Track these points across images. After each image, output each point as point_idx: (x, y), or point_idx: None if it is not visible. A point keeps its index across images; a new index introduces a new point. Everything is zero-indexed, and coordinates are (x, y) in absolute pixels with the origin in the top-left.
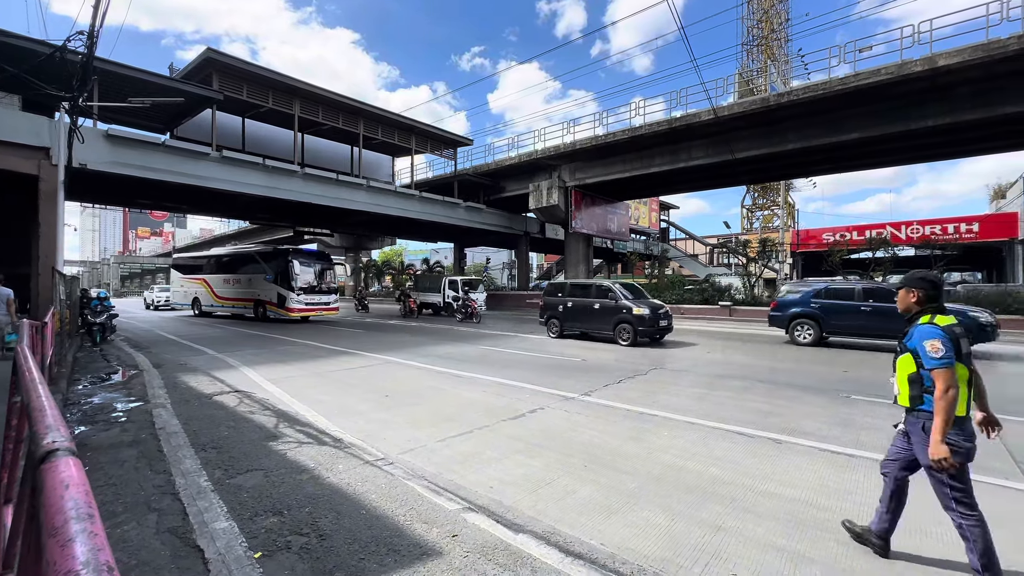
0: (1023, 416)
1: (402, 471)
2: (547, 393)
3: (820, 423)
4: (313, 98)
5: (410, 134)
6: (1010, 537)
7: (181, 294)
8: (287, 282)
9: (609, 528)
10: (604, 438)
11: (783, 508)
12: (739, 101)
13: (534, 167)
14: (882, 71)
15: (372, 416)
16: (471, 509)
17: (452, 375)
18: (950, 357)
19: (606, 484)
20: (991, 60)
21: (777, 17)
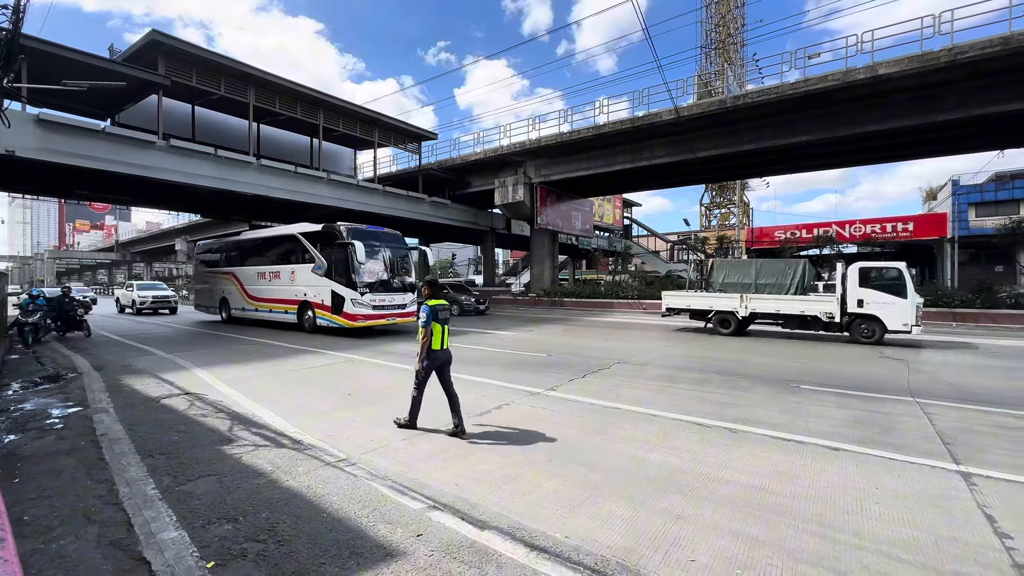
0: (951, 401)
1: (365, 471)
2: (513, 389)
3: (771, 412)
4: (269, 86)
5: (373, 127)
6: (923, 510)
7: (207, 293)
8: (346, 274)
9: (574, 521)
10: (569, 432)
11: (738, 494)
12: (698, 102)
13: (500, 163)
14: (829, 78)
15: (334, 416)
16: (436, 507)
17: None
18: (427, 321)
19: (571, 478)
20: (925, 70)
21: (734, 22)
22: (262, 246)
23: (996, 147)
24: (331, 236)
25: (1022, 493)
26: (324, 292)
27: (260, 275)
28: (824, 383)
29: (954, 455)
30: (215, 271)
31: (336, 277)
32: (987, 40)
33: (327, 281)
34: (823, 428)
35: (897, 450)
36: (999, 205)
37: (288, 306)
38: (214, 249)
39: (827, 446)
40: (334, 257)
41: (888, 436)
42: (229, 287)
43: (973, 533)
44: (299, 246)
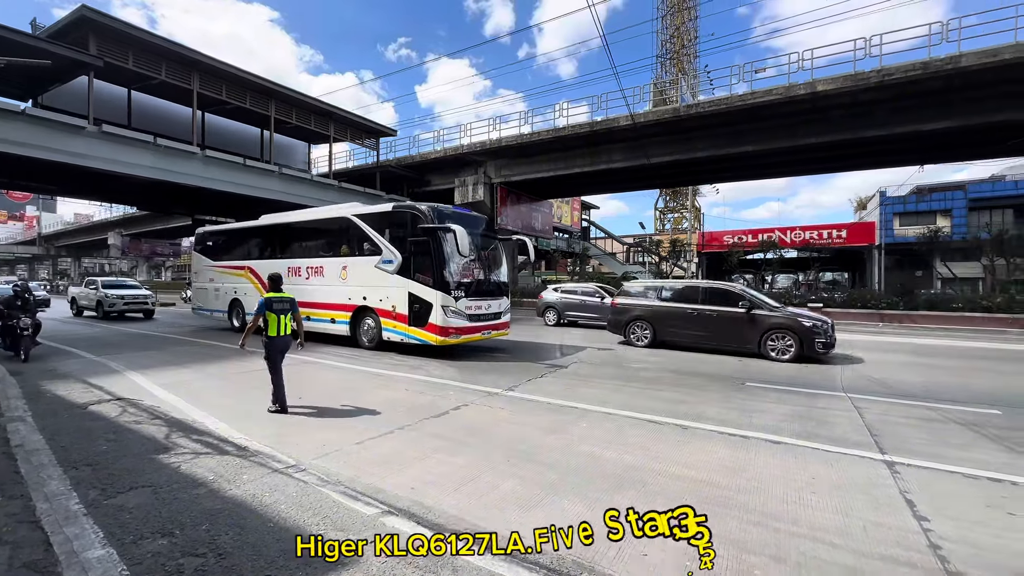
0: (879, 396)
1: (316, 477)
2: (471, 390)
3: (720, 408)
4: (216, 73)
5: (328, 120)
6: (853, 498)
7: (210, 294)
8: (434, 271)
9: (531, 520)
10: (527, 432)
11: (688, 489)
12: (653, 110)
13: (460, 162)
14: (773, 92)
15: (282, 419)
16: (391, 512)
17: (373, 374)
18: (261, 309)
19: (528, 477)
20: (857, 89)
21: (687, 34)
22: (295, 233)
23: (919, 162)
24: (408, 219)
25: (937, 479)
26: (397, 295)
27: (292, 271)
28: (767, 380)
29: (880, 446)
30: (224, 266)
31: (417, 275)
32: (910, 64)
33: (402, 280)
34: (766, 423)
35: (831, 442)
36: (919, 216)
37: (336, 313)
38: (222, 237)
39: (770, 440)
40: (414, 247)
41: (824, 429)
42: (244, 286)
43: (896, 518)
44: (354, 233)
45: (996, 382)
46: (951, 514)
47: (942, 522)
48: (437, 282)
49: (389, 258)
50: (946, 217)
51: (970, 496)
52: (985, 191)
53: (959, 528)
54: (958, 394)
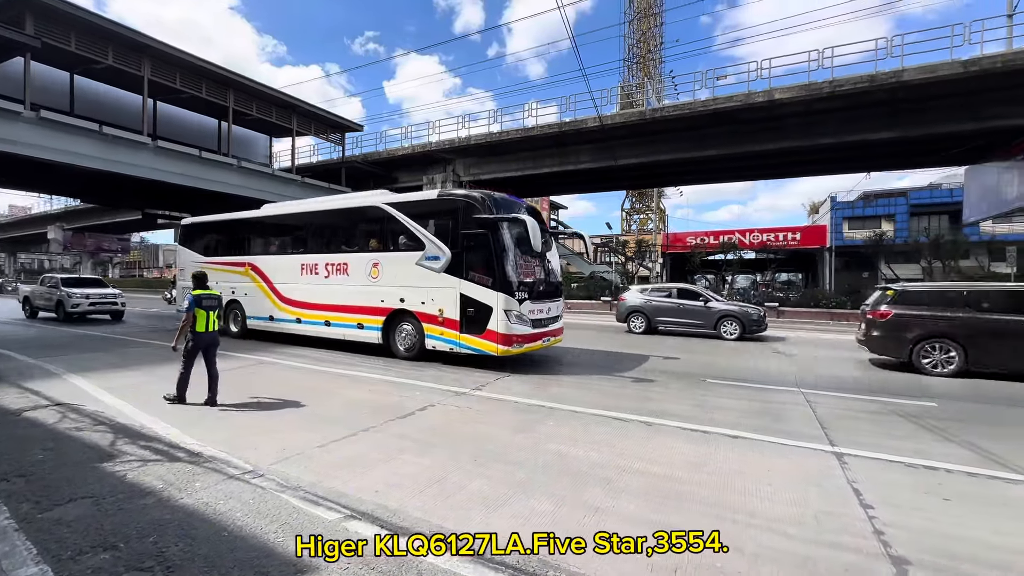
0: (830, 391)
1: (275, 483)
2: (438, 389)
3: (682, 405)
4: (168, 60)
5: (291, 113)
6: (805, 488)
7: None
8: (494, 270)
9: (497, 520)
10: (494, 431)
11: (652, 484)
12: (620, 112)
13: (429, 159)
14: (734, 98)
15: (239, 423)
16: (353, 517)
17: (337, 374)
18: (189, 307)
19: (495, 477)
20: (811, 98)
21: (653, 39)
22: (311, 225)
23: (868, 169)
24: (459, 209)
25: (881, 468)
26: (445, 297)
27: (307, 268)
28: (725, 377)
29: (830, 438)
30: (218, 262)
31: (471, 274)
32: (858, 76)
33: (451, 279)
34: (726, 419)
35: (786, 436)
36: (866, 220)
37: (365, 317)
38: (216, 230)
39: (729, 435)
40: (467, 242)
41: (779, 423)
42: (245, 285)
43: (844, 507)
44: (388, 225)
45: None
46: (893, 502)
47: (885, 509)
48: (498, 282)
49: (435, 254)
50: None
51: (910, 484)
52: (924, 198)
53: (900, 515)
54: (900, 388)
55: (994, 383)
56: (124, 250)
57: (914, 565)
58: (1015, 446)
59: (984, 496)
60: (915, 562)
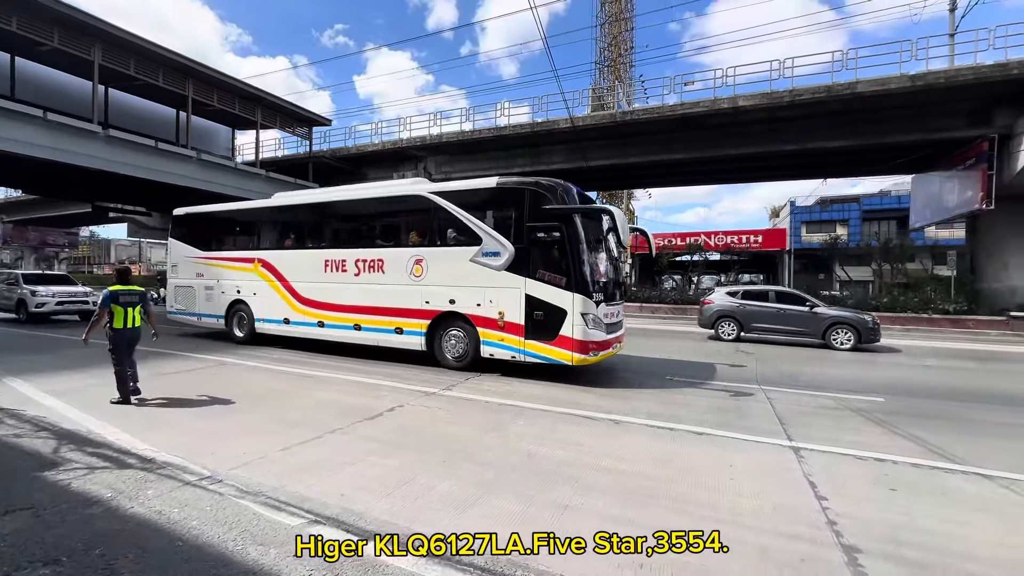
0: (788, 388)
1: (234, 488)
2: (408, 390)
3: (649, 403)
4: (121, 44)
5: (255, 105)
6: (764, 482)
7: (196, 293)
8: (575, 267)
9: (466, 521)
10: (464, 431)
11: (619, 481)
12: (592, 114)
13: (399, 156)
14: (700, 104)
15: (196, 427)
16: (317, 521)
17: (302, 375)
18: (106, 303)
19: (465, 477)
20: (773, 106)
21: (624, 43)
22: (339, 216)
23: (825, 176)
24: (525, 199)
25: (834, 461)
26: (506, 299)
27: (333, 264)
28: (691, 375)
29: (788, 433)
30: (221, 258)
31: (540, 272)
32: (816, 87)
33: (514, 278)
34: (691, 415)
35: (747, 431)
36: (822, 224)
37: (405, 321)
38: (218, 221)
39: (694, 431)
40: (534, 236)
41: (741, 420)
42: (253, 284)
43: (800, 499)
44: (436, 216)
45: (883, 373)
46: (845, 493)
47: (838, 500)
48: (575, 282)
49: (494, 249)
50: (844, 226)
51: (860, 476)
52: (875, 204)
53: (851, 505)
54: (852, 384)
55: (940, 380)
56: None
57: (864, 553)
58: (953, 438)
59: (926, 485)
60: (865, 550)
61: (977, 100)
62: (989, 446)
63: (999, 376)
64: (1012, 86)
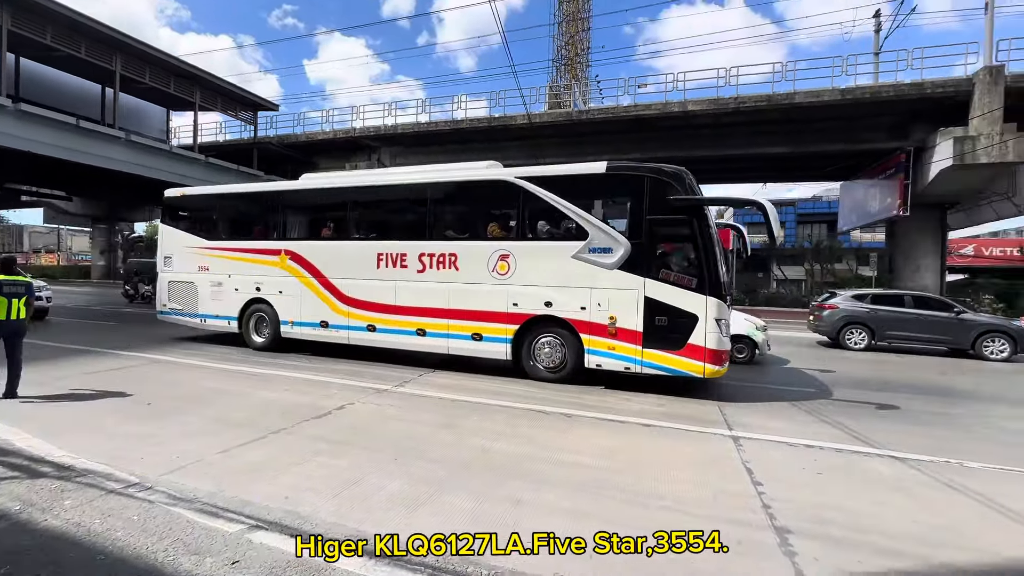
0: (730, 380)
1: (166, 495)
2: (358, 387)
3: (599, 397)
4: (34, 9)
5: (193, 84)
6: (707, 470)
7: (199, 290)
8: (708, 267)
9: (416, 520)
10: (417, 428)
11: (570, 474)
12: (549, 111)
13: (352, 146)
14: (652, 107)
15: (123, 430)
16: (259, 527)
17: (245, 373)
18: None
19: (416, 475)
20: (720, 112)
21: (581, 43)
22: (397, 201)
23: (766, 180)
24: (645, 188)
25: (769, 448)
26: (620, 301)
27: (389, 259)
28: None
29: (728, 423)
30: (233, 248)
31: (665, 272)
32: (759, 95)
33: (631, 278)
34: (640, 407)
35: (692, 422)
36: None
37: (485, 325)
38: (229, 205)
39: (642, 423)
40: (658, 230)
41: (686, 410)
42: (278, 280)
43: (738, 485)
44: (527, 205)
45: (812, 364)
46: (778, 478)
47: (772, 485)
48: (708, 283)
49: (605, 245)
50: (781, 228)
51: (792, 461)
52: (808, 208)
53: (783, 489)
54: (787, 376)
55: (859, 371)
56: None
57: (794, 533)
58: (871, 425)
59: (848, 468)
60: (795, 530)
61: (896, 115)
62: (903, 431)
63: (920, 369)
64: (927, 103)
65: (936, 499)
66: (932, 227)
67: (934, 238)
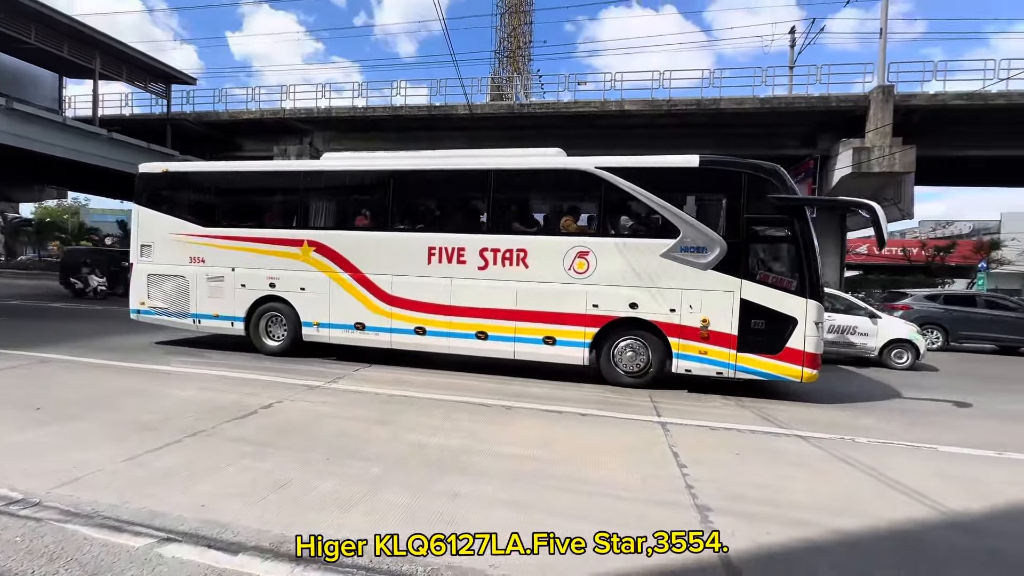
0: None
1: (57, 511)
2: (287, 384)
3: (540, 388)
4: None
5: (92, 49)
6: (638, 456)
7: (192, 286)
8: (808, 269)
9: (349, 521)
10: (351, 425)
11: (510, 466)
12: (490, 103)
13: (282, 128)
14: (591, 104)
15: (7, 441)
16: (171, 539)
17: (156, 372)
18: None
19: (350, 475)
20: (654, 113)
21: (523, 36)
22: (453, 188)
23: None
24: (743, 184)
25: (693, 433)
26: (713, 303)
27: (443, 254)
28: None
29: (658, 411)
30: (240, 237)
31: (763, 274)
32: (689, 100)
33: (726, 280)
34: (578, 397)
35: (625, 410)
36: None
37: (559, 328)
38: (231, 185)
39: (579, 413)
40: (756, 230)
41: (620, 398)
42: (299, 275)
43: (666, 468)
44: (609, 198)
45: None
46: (701, 460)
47: (695, 467)
48: (808, 286)
49: (698, 244)
50: None
51: (713, 444)
52: None
53: (705, 470)
54: None
55: None
56: None
57: (714, 511)
58: (780, 406)
59: (761, 448)
60: (715, 508)
61: (807, 125)
62: (804, 411)
63: None
64: (832, 116)
65: (833, 472)
66: (833, 228)
67: (835, 239)
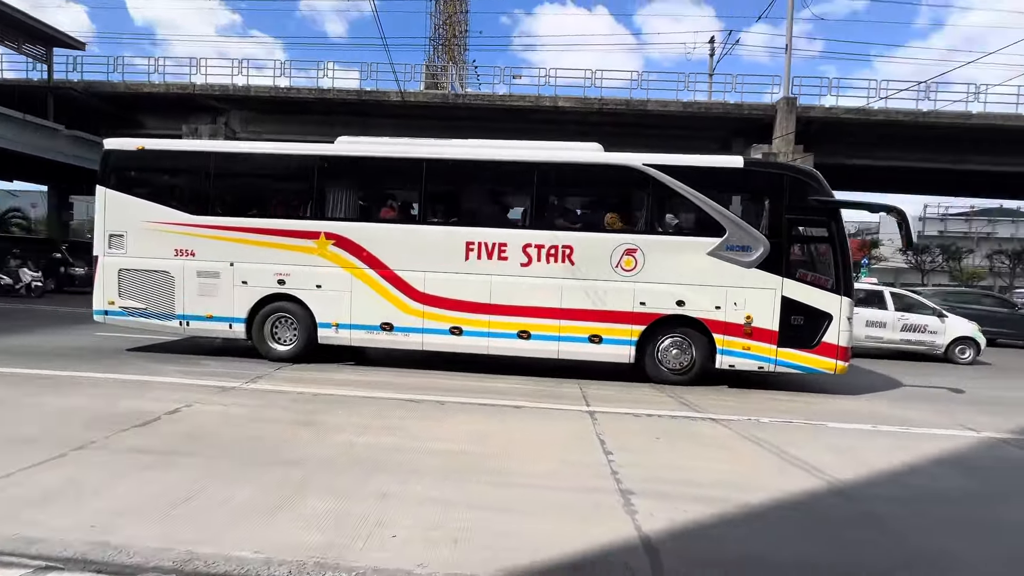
0: None
1: None
2: (196, 385)
3: (473, 381)
4: None
5: None
6: (568, 445)
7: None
8: (842, 267)
9: (269, 531)
10: (271, 428)
11: (441, 462)
12: (425, 91)
13: (191, 104)
14: (527, 98)
15: None
16: (50, 568)
17: (39, 377)
18: None
19: (269, 481)
20: (587, 111)
21: (459, 25)
22: (494, 180)
23: None
24: (786, 186)
25: (618, 420)
26: (756, 301)
27: (481, 249)
28: None
29: (587, 400)
30: (236, 229)
31: (802, 272)
32: (619, 100)
33: (768, 278)
34: (512, 389)
35: (557, 400)
36: None
37: (605, 327)
38: (229, 166)
39: (513, 405)
40: (796, 230)
41: (550, 388)
42: (315, 271)
43: (593, 456)
44: (656, 196)
45: None
46: (625, 446)
47: (620, 454)
48: (843, 283)
49: (743, 243)
50: None
51: (636, 430)
52: None
53: (629, 456)
54: None
55: None
56: None
57: (636, 494)
58: (700, 393)
59: (680, 432)
60: (637, 491)
61: (724, 130)
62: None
63: None
64: (745, 122)
65: (742, 450)
66: None
67: None
